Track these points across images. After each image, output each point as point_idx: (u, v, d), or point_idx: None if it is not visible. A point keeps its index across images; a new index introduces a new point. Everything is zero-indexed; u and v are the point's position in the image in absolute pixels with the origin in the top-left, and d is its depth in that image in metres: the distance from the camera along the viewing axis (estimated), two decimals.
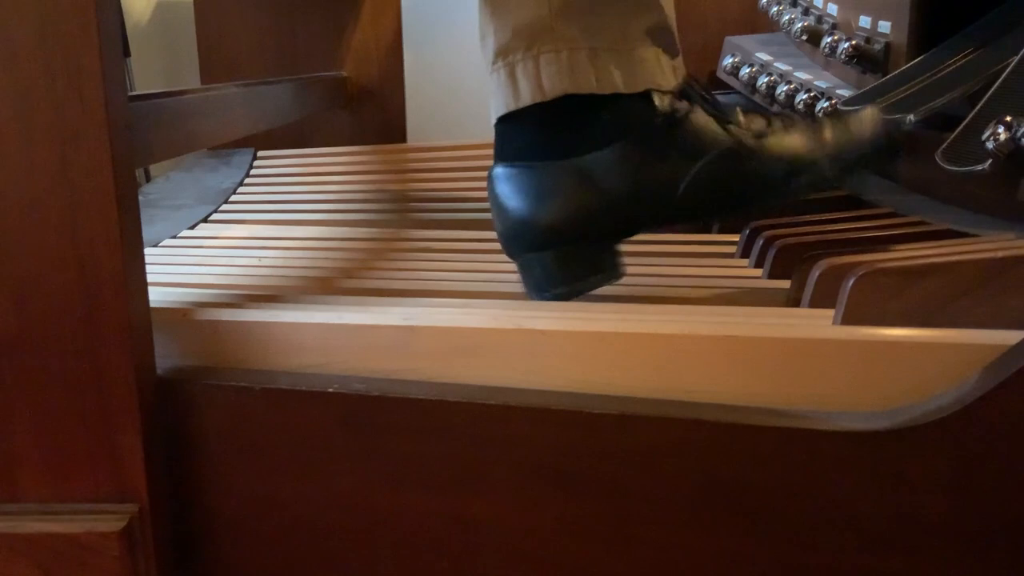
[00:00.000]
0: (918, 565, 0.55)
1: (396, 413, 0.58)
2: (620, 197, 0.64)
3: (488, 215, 0.75)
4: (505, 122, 0.67)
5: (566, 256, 0.66)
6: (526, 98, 0.64)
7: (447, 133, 1.39)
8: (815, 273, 0.66)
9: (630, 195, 0.64)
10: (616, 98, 0.64)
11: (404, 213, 1.08)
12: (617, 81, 0.63)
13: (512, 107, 0.65)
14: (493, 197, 0.68)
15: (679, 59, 0.68)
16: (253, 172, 1.29)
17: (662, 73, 0.65)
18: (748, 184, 0.65)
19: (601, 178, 0.64)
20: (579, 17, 0.63)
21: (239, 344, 0.62)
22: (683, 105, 0.65)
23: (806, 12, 1.17)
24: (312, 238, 0.96)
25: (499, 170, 0.67)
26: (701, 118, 0.64)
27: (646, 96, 0.64)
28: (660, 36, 0.66)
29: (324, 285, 0.76)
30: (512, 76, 0.64)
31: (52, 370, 0.55)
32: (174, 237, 1.00)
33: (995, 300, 0.60)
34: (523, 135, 0.66)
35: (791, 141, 0.65)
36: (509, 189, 0.67)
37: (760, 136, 0.65)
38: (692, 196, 0.64)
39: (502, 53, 0.64)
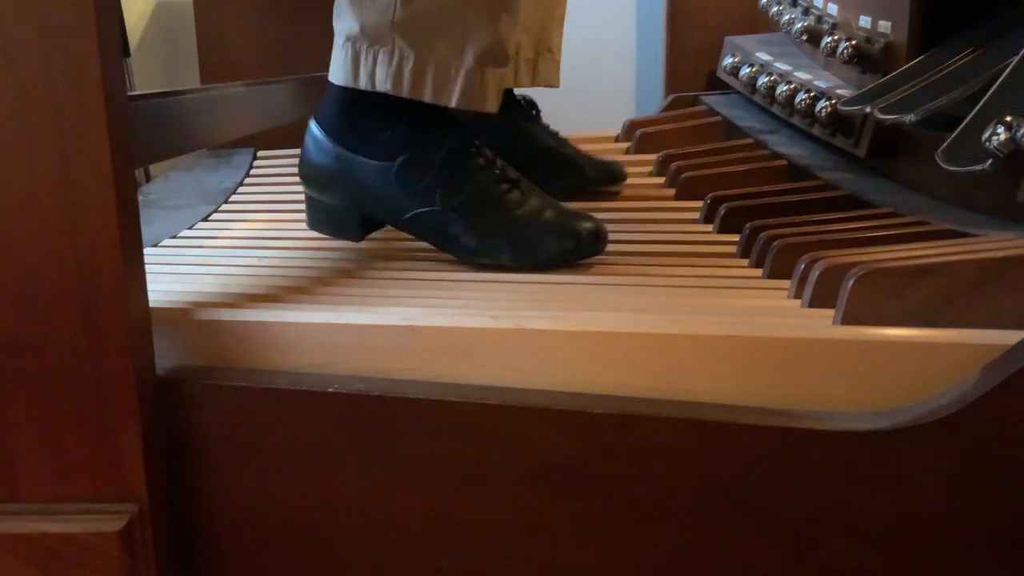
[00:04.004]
0: (918, 564, 0.55)
1: (396, 413, 0.58)
2: (366, 197, 0.82)
3: None
4: (333, 88, 0.82)
5: (322, 209, 0.86)
6: (362, 83, 0.78)
7: None
8: (815, 273, 0.66)
9: (372, 200, 0.82)
10: (413, 113, 0.79)
11: None
12: (427, 92, 0.77)
13: (350, 84, 0.79)
14: (305, 138, 0.85)
15: (509, 67, 0.81)
16: (253, 172, 1.28)
17: (480, 93, 0.78)
18: (447, 240, 0.81)
19: (359, 177, 0.81)
20: (413, 33, 0.77)
21: (239, 344, 0.62)
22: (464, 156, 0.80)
23: (806, 12, 1.17)
24: (312, 238, 0.96)
25: (312, 125, 0.85)
26: (469, 171, 0.80)
27: (438, 121, 0.80)
28: (490, 56, 0.78)
29: (324, 285, 0.76)
30: (355, 60, 0.78)
31: (52, 370, 0.55)
32: (174, 237, 1.00)
33: (995, 300, 0.60)
34: (336, 111, 0.83)
35: (503, 227, 0.80)
36: (310, 143, 0.84)
37: (489, 212, 0.79)
38: (412, 224, 0.82)
39: (351, 39, 0.79)
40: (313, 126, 0.84)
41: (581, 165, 1.06)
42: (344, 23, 0.80)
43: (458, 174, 0.80)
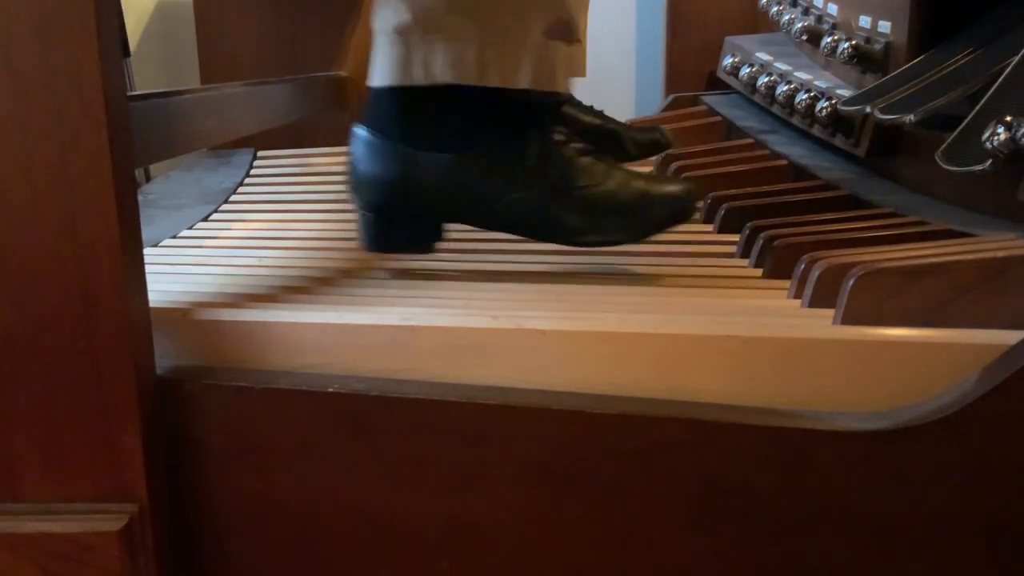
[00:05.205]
0: (918, 564, 0.55)
1: (396, 413, 0.58)
2: (442, 196, 0.74)
3: None
4: (381, 90, 0.74)
5: (384, 224, 0.76)
6: (416, 77, 0.70)
7: None
8: (815, 273, 0.66)
9: (451, 198, 0.74)
10: (482, 97, 0.71)
11: None
12: (494, 76, 0.70)
13: (402, 82, 0.71)
14: (350, 151, 0.76)
15: (578, 46, 0.74)
16: (253, 172, 1.29)
17: (550, 70, 0.71)
18: (548, 225, 0.74)
19: (432, 175, 0.72)
20: (473, 11, 0.69)
21: (239, 344, 0.62)
22: (548, 137, 0.72)
23: (806, 12, 1.18)
24: (312, 238, 0.96)
25: (360, 131, 0.75)
26: (552, 148, 0.73)
27: (513, 100, 0.71)
28: (558, 30, 0.71)
29: (324, 285, 0.76)
30: (406, 54, 0.70)
31: (52, 370, 0.55)
32: (174, 237, 1.00)
33: (995, 300, 0.60)
34: (389, 110, 0.74)
35: (604, 200, 0.74)
36: (362, 152, 0.75)
37: (584, 187, 0.73)
38: (502, 216, 0.74)
39: (399, 30, 0.70)
40: (362, 132, 0.75)
41: (624, 141, 1.04)
42: (388, 16, 0.71)
43: (545, 154, 0.73)
